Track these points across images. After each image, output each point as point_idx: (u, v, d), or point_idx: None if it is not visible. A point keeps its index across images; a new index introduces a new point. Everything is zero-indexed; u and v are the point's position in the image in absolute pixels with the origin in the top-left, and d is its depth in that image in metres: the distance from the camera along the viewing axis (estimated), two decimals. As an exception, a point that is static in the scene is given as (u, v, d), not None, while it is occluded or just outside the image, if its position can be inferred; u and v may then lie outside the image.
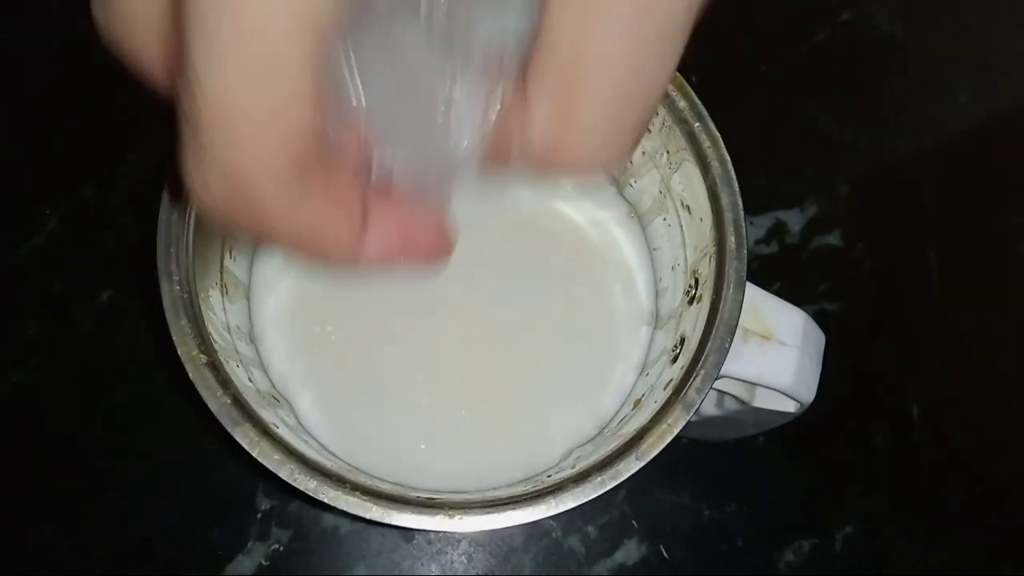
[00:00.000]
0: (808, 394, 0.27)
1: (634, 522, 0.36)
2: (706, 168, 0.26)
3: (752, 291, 0.26)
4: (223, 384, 0.23)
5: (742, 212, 0.26)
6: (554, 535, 0.36)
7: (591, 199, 0.31)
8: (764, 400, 0.28)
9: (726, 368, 0.24)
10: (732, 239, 0.25)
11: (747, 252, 0.25)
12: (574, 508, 0.22)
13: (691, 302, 0.27)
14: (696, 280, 0.27)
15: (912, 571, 0.37)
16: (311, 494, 0.22)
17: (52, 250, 0.38)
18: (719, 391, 0.29)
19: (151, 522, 0.35)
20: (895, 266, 0.41)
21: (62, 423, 0.36)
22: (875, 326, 0.40)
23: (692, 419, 0.24)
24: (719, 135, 0.26)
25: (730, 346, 0.24)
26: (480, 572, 0.35)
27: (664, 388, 0.25)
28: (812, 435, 0.37)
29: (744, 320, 0.25)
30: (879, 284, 0.41)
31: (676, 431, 0.23)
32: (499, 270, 0.30)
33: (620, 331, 0.30)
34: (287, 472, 0.22)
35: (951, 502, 0.38)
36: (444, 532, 0.33)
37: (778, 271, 0.40)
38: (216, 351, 0.24)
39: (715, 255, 0.26)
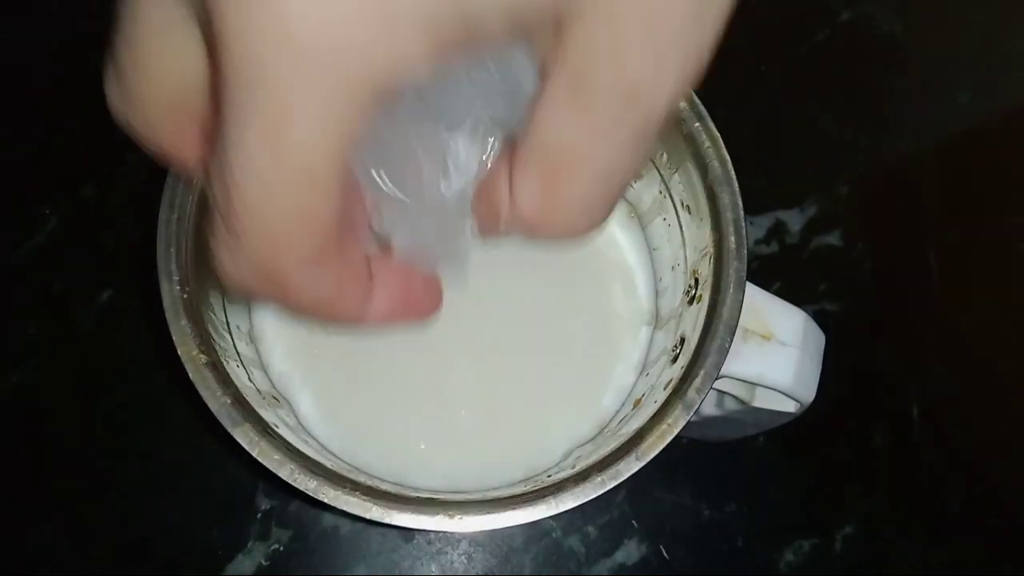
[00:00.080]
0: (808, 394, 0.27)
1: (634, 522, 0.36)
2: (706, 168, 0.26)
3: (752, 291, 0.26)
4: (223, 384, 0.23)
5: (742, 212, 0.26)
6: (554, 535, 0.36)
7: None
8: (764, 400, 0.28)
9: (726, 368, 0.24)
10: (732, 239, 0.25)
11: (747, 252, 0.25)
12: (574, 508, 0.22)
13: (691, 302, 0.27)
14: (696, 280, 0.27)
15: (912, 571, 0.37)
16: (311, 494, 0.22)
17: (52, 250, 0.38)
18: (719, 391, 0.29)
19: (151, 522, 0.35)
20: (895, 266, 0.41)
21: (62, 423, 0.36)
22: (875, 326, 0.40)
23: (692, 419, 0.24)
24: (719, 135, 0.26)
25: (730, 346, 0.24)
26: (480, 572, 0.35)
27: (664, 388, 0.25)
28: (812, 435, 0.37)
29: (744, 320, 0.25)
30: (879, 284, 0.41)
31: (676, 431, 0.23)
32: (499, 270, 0.30)
33: (620, 331, 0.30)
34: (287, 472, 0.22)
35: (951, 502, 0.38)
36: (444, 532, 0.33)
37: (778, 271, 0.40)
38: (216, 351, 0.24)
39: (715, 255, 0.26)
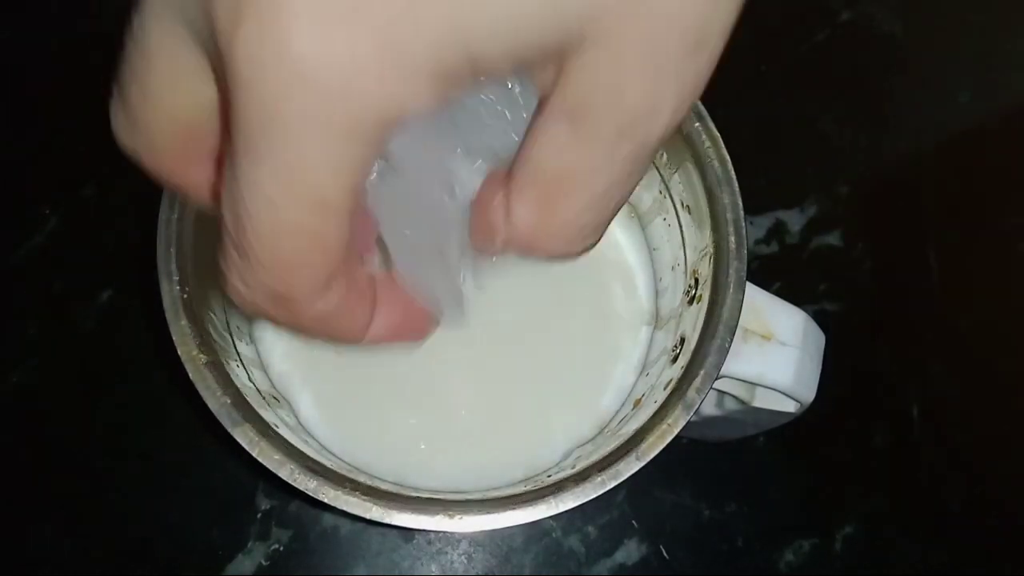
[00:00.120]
0: (808, 394, 0.27)
1: (634, 522, 0.36)
2: (706, 168, 0.26)
3: (752, 291, 0.26)
4: (223, 384, 0.23)
5: (742, 212, 0.26)
6: (554, 535, 0.36)
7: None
8: (764, 400, 0.28)
9: (726, 368, 0.24)
10: (732, 239, 0.25)
11: (747, 252, 0.25)
12: (574, 508, 0.22)
13: (691, 302, 0.27)
14: (696, 280, 0.27)
15: (912, 571, 0.37)
16: (311, 494, 0.22)
17: (52, 250, 0.38)
18: (719, 391, 0.29)
19: (151, 522, 0.35)
20: (895, 266, 0.41)
21: (62, 423, 0.36)
22: (875, 326, 0.40)
23: (692, 419, 0.24)
24: (719, 135, 0.26)
25: (730, 346, 0.24)
26: (480, 572, 0.35)
27: (664, 388, 0.25)
28: (812, 435, 0.37)
29: (744, 320, 0.25)
30: (879, 284, 0.41)
31: (676, 431, 0.23)
32: (499, 270, 0.30)
33: (620, 331, 0.30)
34: (287, 472, 0.22)
35: (951, 502, 0.38)
36: (444, 532, 0.33)
37: (778, 271, 0.40)
38: (216, 351, 0.24)
39: (715, 255, 0.26)
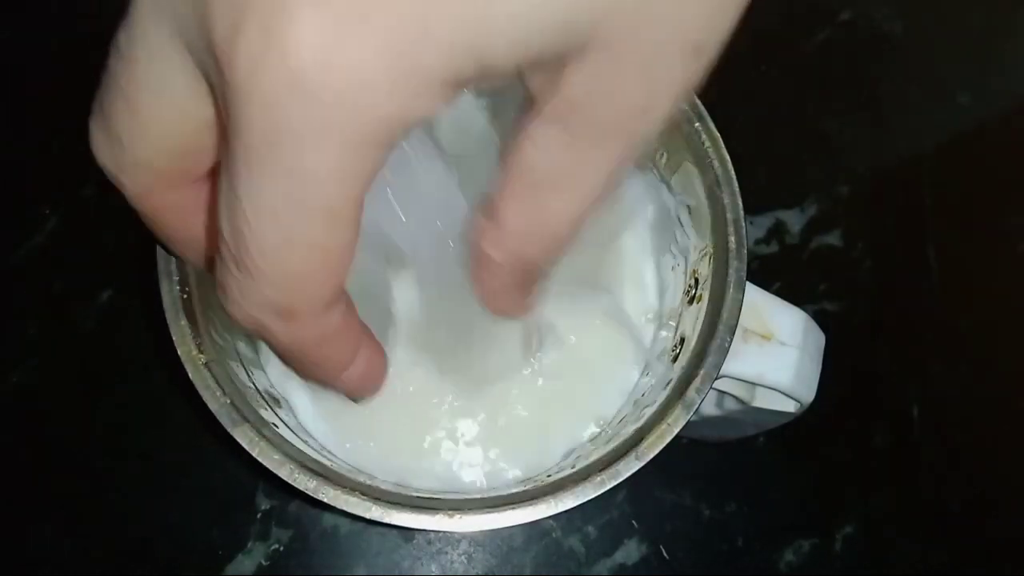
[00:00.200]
0: (808, 394, 0.27)
1: (634, 522, 0.36)
2: (706, 168, 0.26)
3: (752, 291, 0.26)
4: (223, 384, 0.23)
5: (742, 212, 0.26)
6: (554, 535, 0.36)
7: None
8: (764, 400, 0.28)
9: (726, 368, 0.24)
10: (732, 239, 0.25)
11: (747, 252, 0.25)
12: (574, 508, 0.22)
13: (691, 302, 0.27)
14: (696, 280, 0.27)
15: (912, 571, 0.37)
16: (311, 494, 0.22)
17: (52, 250, 0.38)
18: (719, 391, 0.29)
19: (151, 522, 0.35)
20: (895, 266, 0.41)
21: (62, 423, 0.36)
22: (875, 326, 0.40)
23: (692, 419, 0.24)
24: (719, 135, 0.26)
25: (730, 346, 0.24)
26: (480, 572, 0.35)
27: (664, 388, 0.25)
28: (812, 435, 0.37)
29: (744, 320, 0.25)
30: (879, 284, 0.41)
31: (676, 431, 0.23)
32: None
33: (621, 331, 0.30)
34: (287, 472, 0.22)
35: (951, 502, 0.38)
36: (444, 532, 0.33)
37: (778, 271, 0.40)
38: (216, 351, 0.24)
39: (715, 255, 0.26)
